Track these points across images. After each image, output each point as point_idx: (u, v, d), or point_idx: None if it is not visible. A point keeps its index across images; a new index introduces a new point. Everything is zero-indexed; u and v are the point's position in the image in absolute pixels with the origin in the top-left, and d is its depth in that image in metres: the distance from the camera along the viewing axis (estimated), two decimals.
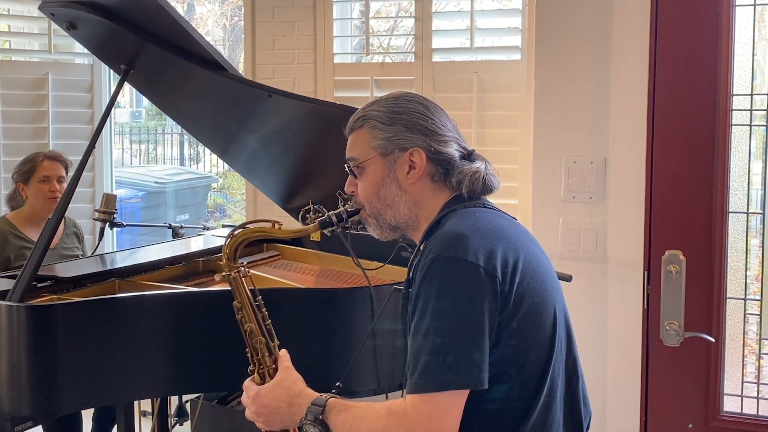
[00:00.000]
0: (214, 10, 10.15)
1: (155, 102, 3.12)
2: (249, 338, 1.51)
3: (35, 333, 2.06)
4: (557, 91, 2.53)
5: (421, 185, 1.45)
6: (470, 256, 1.28)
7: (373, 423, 1.30)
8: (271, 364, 1.49)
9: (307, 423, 1.34)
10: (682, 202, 2.30)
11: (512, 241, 1.36)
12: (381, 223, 1.48)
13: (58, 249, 3.22)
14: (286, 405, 1.40)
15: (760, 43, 2.29)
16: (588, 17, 2.47)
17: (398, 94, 1.51)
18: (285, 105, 2.52)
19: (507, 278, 1.30)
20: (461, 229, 1.33)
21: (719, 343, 2.30)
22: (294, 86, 3.69)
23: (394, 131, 1.44)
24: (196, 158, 9.59)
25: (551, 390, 1.36)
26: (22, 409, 2.06)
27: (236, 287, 1.53)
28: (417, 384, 1.26)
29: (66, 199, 2.38)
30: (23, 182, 3.21)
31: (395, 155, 1.44)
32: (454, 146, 1.46)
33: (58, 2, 2.40)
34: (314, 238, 3.09)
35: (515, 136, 3.33)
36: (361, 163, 1.47)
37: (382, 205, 1.46)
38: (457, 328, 1.26)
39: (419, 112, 1.45)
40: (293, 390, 1.41)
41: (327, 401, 1.35)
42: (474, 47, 3.46)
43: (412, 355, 1.29)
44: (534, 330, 1.34)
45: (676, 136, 2.29)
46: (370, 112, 1.47)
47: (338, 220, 1.49)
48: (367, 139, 1.46)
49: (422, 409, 1.24)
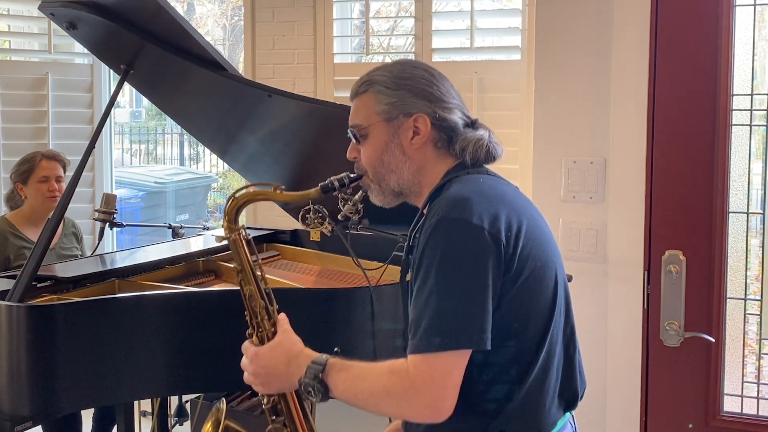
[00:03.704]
0: (214, 10, 10.15)
1: (155, 102, 3.12)
2: (248, 301, 1.50)
3: (35, 333, 2.06)
4: (557, 91, 2.53)
5: (424, 151, 1.45)
6: (475, 218, 1.28)
7: (374, 382, 1.29)
8: (270, 327, 1.48)
9: (306, 382, 1.33)
10: (682, 202, 2.30)
11: (515, 207, 1.36)
12: (384, 189, 1.48)
13: (56, 249, 3.22)
14: (284, 365, 1.39)
15: (760, 43, 2.29)
16: (588, 17, 2.47)
17: (403, 60, 1.51)
18: (285, 105, 2.52)
19: (511, 242, 1.30)
20: (465, 193, 1.33)
21: (719, 343, 2.30)
22: (294, 86, 3.69)
23: (398, 96, 1.43)
24: (196, 158, 9.59)
25: (549, 356, 1.36)
26: (22, 409, 2.06)
27: (236, 249, 1.52)
28: (419, 344, 1.25)
29: (66, 199, 2.38)
30: (22, 182, 3.21)
31: (399, 120, 1.43)
32: (458, 114, 1.46)
33: (58, 2, 2.40)
34: (314, 238, 3.09)
35: (515, 136, 3.33)
36: (365, 129, 1.46)
37: (386, 170, 1.46)
38: (461, 290, 1.26)
39: (424, 78, 1.45)
40: (293, 350, 1.41)
41: (327, 360, 1.34)
42: (474, 47, 3.46)
43: (415, 315, 1.28)
44: (535, 295, 1.34)
45: (676, 136, 2.29)
46: (375, 77, 1.46)
47: (340, 185, 1.48)
48: (371, 104, 1.45)
49: (424, 369, 1.24)
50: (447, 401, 1.25)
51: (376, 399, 1.29)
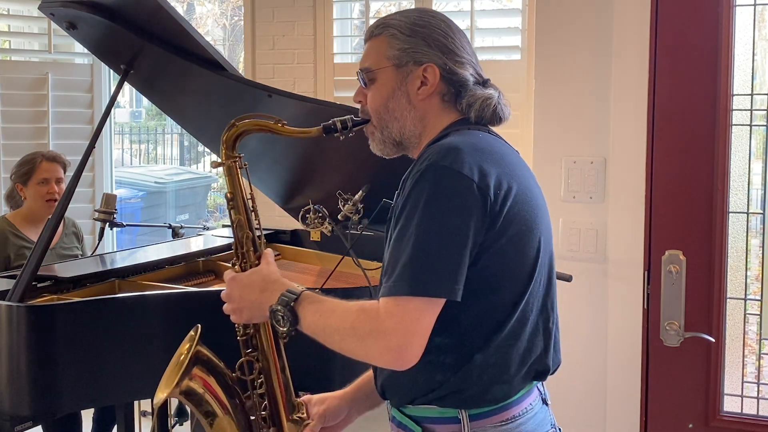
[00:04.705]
0: (214, 10, 10.15)
1: (155, 102, 3.12)
2: (236, 230, 1.49)
3: (35, 333, 2.06)
4: (557, 91, 2.53)
5: (430, 102, 1.43)
6: (465, 169, 1.26)
7: (343, 316, 1.29)
8: (254, 259, 1.47)
9: (276, 308, 1.32)
10: (682, 202, 2.30)
11: (510, 168, 1.35)
12: (385, 137, 1.45)
13: (57, 249, 3.22)
14: (259, 290, 1.38)
15: (760, 43, 2.29)
16: (588, 17, 2.47)
17: (423, 8, 1.49)
18: (285, 105, 2.52)
19: (499, 199, 1.28)
20: (460, 144, 1.31)
21: (719, 343, 2.30)
22: (294, 86, 3.69)
23: (412, 43, 1.41)
24: (196, 158, 9.59)
25: (521, 323, 1.33)
26: (22, 409, 2.06)
27: (230, 176, 1.50)
28: (392, 287, 1.24)
29: (66, 199, 2.38)
30: (22, 183, 3.21)
31: (409, 68, 1.41)
32: (470, 70, 1.44)
33: (58, 2, 2.40)
34: (314, 238, 3.09)
35: (515, 136, 3.32)
36: (374, 72, 1.44)
37: (390, 117, 1.43)
38: (440, 238, 1.24)
39: (440, 29, 1.43)
40: (270, 277, 1.40)
41: (302, 291, 1.34)
42: (474, 47, 3.46)
43: (392, 258, 1.27)
44: (515, 258, 1.32)
45: (676, 136, 2.29)
46: (391, 21, 1.44)
47: (342, 127, 1.45)
48: (383, 47, 1.43)
49: (394, 311, 1.23)
50: (412, 348, 1.23)
51: (342, 335, 1.28)
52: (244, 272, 1.44)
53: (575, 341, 2.39)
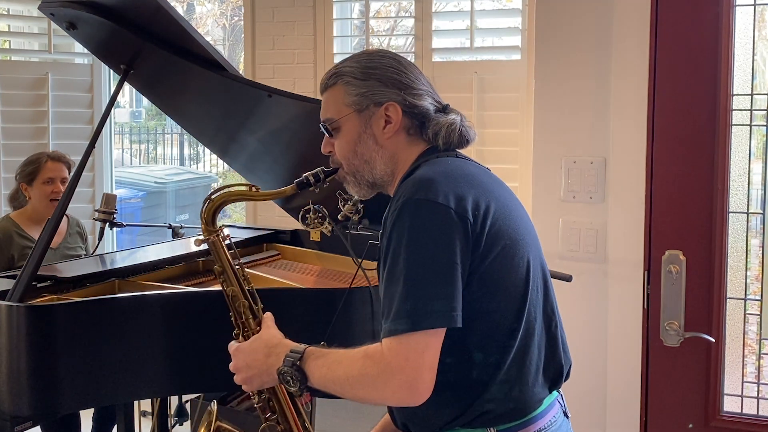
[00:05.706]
0: (214, 10, 10.15)
1: (155, 102, 3.12)
2: (232, 302, 1.51)
3: (35, 333, 2.06)
4: (557, 91, 2.53)
5: (397, 139, 1.44)
6: (441, 198, 1.28)
7: (350, 366, 1.29)
8: (255, 327, 1.49)
9: (283, 370, 1.33)
10: (682, 202, 2.30)
11: (484, 188, 1.36)
12: (359, 180, 1.47)
13: (61, 248, 3.23)
14: (264, 356, 1.39)
15: (760, 43, 2.29)
16: (588, 17, 2.47)
17: (371, 50, 1.51)
18: (285, 105, 2.52)
19: (478, 220, 1.30)
20: (431, 174, 1.33)
21: (719, 343, 2.30)
22: (294, 86, 3.69)
23: (368, 86, 1.43)
24: (196, 158, 9.59)
25: (527, 334, 1.35)
26: (22, 409, 2.06)
27: (216, 251, 1.53)
28: (391, 327, 1.25)
29: (66, 199, 2.38)
30: (27, 183, 3.22)
31: (371, 110, 1.43)
32: (428, 99, 1.45)
33: (58, 2, 2.40)
34: (314, 238, 3.09)
35: (515, 136, 3.33)
36: (337, 122, 1.46)
37: (360, 161, 1.45)
38: (430, 269, 1.25)
39: (393, 67, 1.45)
40: (272, 341, 1.41)
41: (306, 349, 1.34)
42: (474, 47, 3.46)
43: (387, 299, 1.28)
44: (506, 273, 1.33)
45: (676, 136, 2.29)
46: (344, 69, 1.46)
47: (315, 180, 1.48)
48: (341, 96, 1.45)
49: (398, 350, 1.24)
50: (423, 382, 1.24)
51: (353, 383, 1.29)
52: (246, 341, 1.46)
53: (575, 341, 2.38)
